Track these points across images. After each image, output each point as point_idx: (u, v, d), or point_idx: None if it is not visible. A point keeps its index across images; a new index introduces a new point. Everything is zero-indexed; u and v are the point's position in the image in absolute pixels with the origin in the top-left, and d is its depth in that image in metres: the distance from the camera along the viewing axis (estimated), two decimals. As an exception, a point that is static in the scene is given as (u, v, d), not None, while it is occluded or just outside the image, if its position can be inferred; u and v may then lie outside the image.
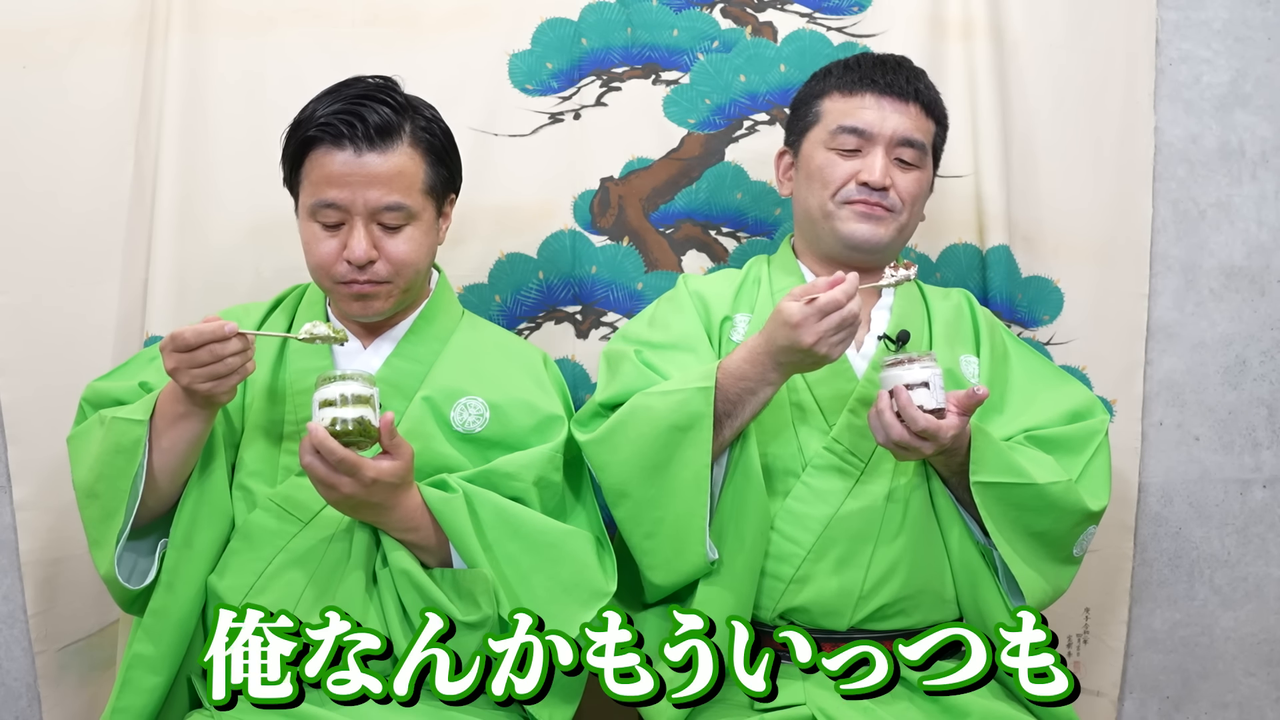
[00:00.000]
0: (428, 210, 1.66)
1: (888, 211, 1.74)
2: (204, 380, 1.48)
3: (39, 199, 1.98)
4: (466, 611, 1.55)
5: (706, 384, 1.60)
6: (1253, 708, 2.22)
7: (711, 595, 1.64)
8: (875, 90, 1.76)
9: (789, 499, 1.67)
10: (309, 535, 1.60)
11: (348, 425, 1.46)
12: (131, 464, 1.54)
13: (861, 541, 1.66)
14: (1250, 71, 2.18)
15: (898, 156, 1.75)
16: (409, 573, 1.57)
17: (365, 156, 1.59)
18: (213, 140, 2.00)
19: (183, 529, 1.59)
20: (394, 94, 1.64)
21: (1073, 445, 1.73)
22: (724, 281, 1.84)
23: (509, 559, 1.59)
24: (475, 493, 1.60)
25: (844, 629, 1.67)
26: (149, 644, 1.58)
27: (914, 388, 1.56)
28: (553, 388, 1.75)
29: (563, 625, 1.56)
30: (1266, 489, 2.21)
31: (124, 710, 1.57)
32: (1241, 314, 2.19)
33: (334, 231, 1.62)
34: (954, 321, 1.81)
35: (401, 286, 1.65)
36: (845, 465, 1.68)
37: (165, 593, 1.58)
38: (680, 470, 1.61)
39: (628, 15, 2.07)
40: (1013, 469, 1.63)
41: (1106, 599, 2.17)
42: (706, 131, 2.08)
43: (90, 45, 1.99)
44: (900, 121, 1.74)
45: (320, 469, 1.48)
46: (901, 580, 1.67)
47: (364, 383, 1.49)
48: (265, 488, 1.63)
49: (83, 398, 1.69)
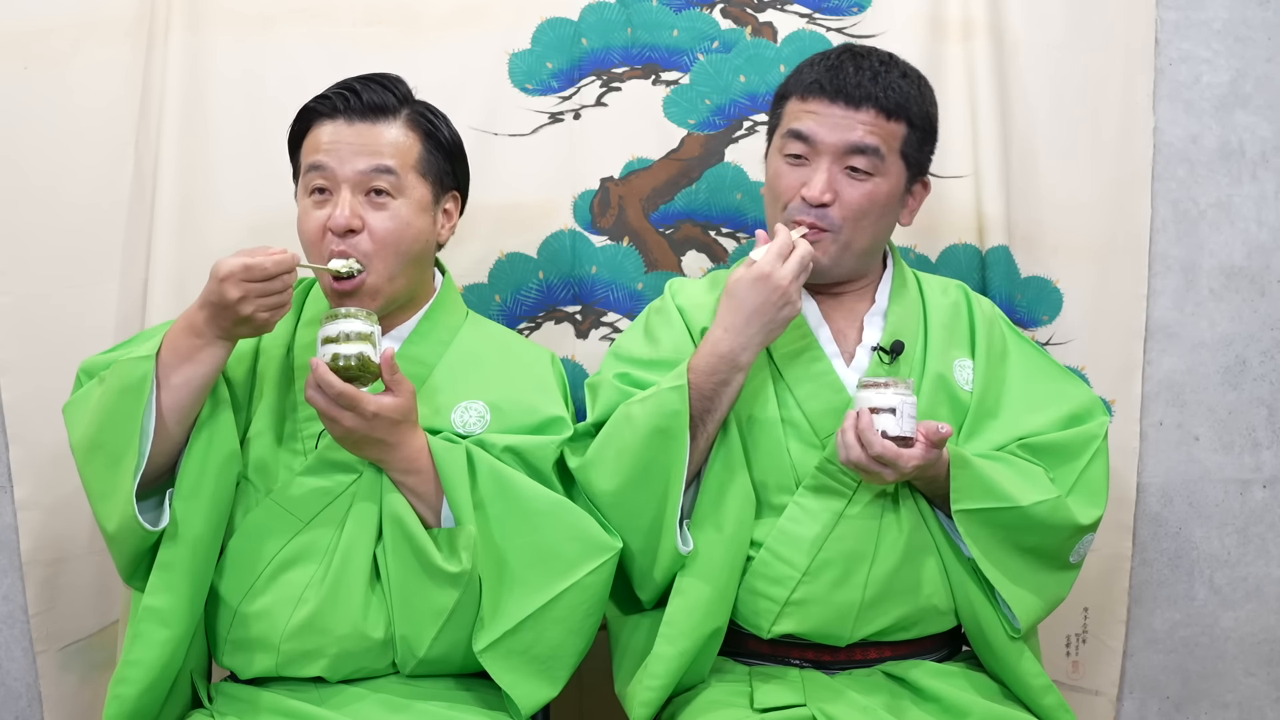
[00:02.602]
0: (418, 190, 1.65)
1: (824, 232, 1.66)
2: (267, 309, 1.51)
3: (39, 199, 1.99)
4: (448, 560, 1.56)
5: (679, 383, 1.59)
6: (1253, 708, 2.22)
7: (685, 585, 1.62)
8: (825, 95, 1.66)
9: (782, 519, 1.65)
10: (309, 533, 1.60)
11: (350, 361, 1.50)
12: (139, 402, 1.52)
13: (857, 561, 1.63)
14: (1250, 71, 2.18)
15: (850, 165, 1.66)
16: (401, 518, 1.57)
17: (356, 125, 1.63)
18: (213, 140, 2.00)
19: (190, 479, 1.57)
20: (397, 85, 1.67)
21: (1068, 452, 1.70)
22: (707, 291, 1.80)
23: (496, 518, 1.60)
24: (475, 450, 1.61)
25: (843, 646, 1.67)
26: (160, 596, 1.55)
27: (880, 412, 1.55)
28: (557, 389, 1.75)
29: (536, 590, 1.58)
30: (1266, 489, 2.21)
31: (136, 663, 1.55)
32: (1241, 314, 2.19)
33: (322, 205, 1.63)
34: (950, 323, 1.77)
35: (385, 274, 1.63)
36: (837, 485, 1.64)
37: (172, 545, 1.56)
38: (662, 471, 1.60)
39: (628, 15, 2.07)
40: (994, 493, 1.61)
41: (1106, 599, 2.17)
42: (706, 132, 2.08)
43: (91, 45, 1.99)
44: (849, 128, 1.65)
45: (321, 403, 1.50)
46: (899, 600, 1.65)
47: (365, 320, 1.52)
48: (268, 485, 1.63)
49: (80, 368, 1.67)
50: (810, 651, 1.68)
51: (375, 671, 1.63)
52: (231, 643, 1.62)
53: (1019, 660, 1.67)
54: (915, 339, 1.73)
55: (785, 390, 1.70)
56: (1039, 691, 1.67)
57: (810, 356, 1.70)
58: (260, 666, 1.61)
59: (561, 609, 1.59)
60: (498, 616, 1.59)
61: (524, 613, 1.58)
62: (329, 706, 1.57)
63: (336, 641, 1.59)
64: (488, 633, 1.58)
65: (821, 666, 1.68)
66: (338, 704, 1.58)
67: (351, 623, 1.59)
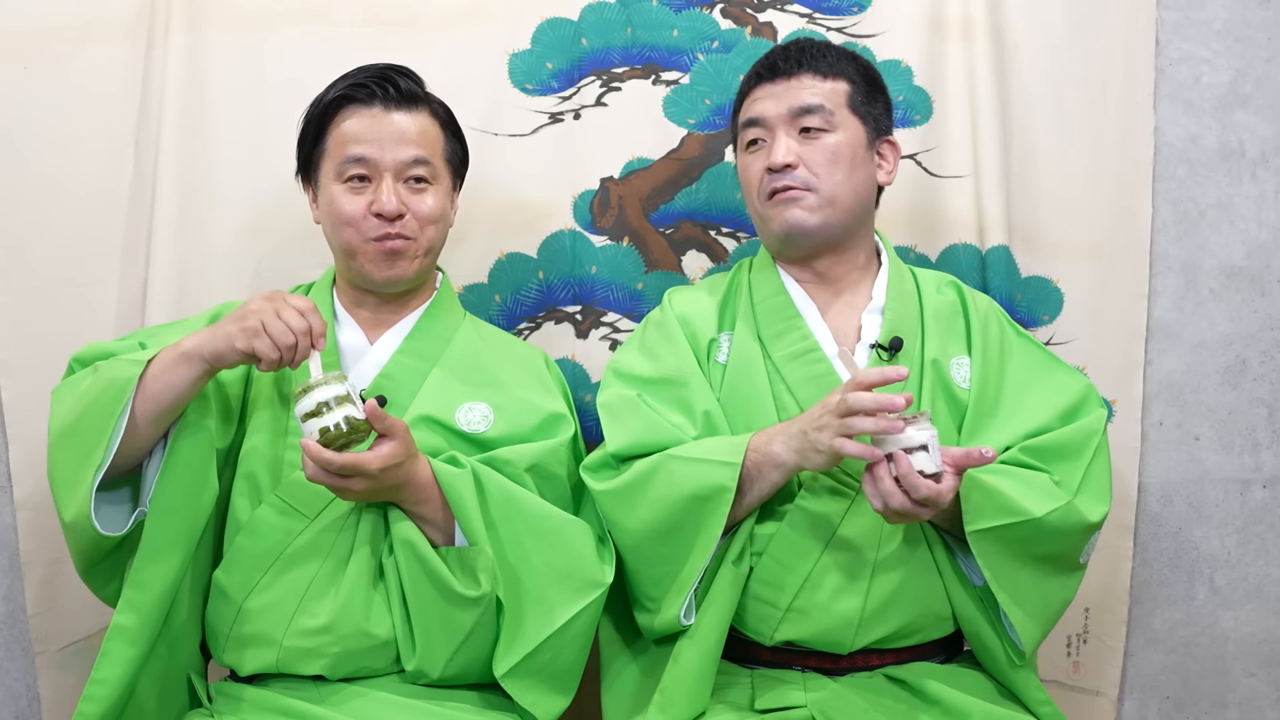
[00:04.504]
0: (445, 177, 1.72)
1: (805, 190, 1.68)
2: (266, 322, 1.50)
3: (39, 198, 1.99)
4: (467, 586, 1.56)
5: (734, 460, 1.57)
6: (1253, 708, 2.22)
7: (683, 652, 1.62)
8: (761, 81, 1.74)
9: (783, 524, 1.63)
10: (314, 530, 1.60)
11: (340, 429, 1.47)
12: (118, 402, 1.52)
13: (859, 567, 1.62)
14: (1250, 71, 2.18)
15: (802, 127, 1.70)
16: (413, 543, 1.57)
17: (393, 114, 1.67)
18: (212, 140, 2.00)
19: (166, 496, 1.57)
20: (416, 76, 1.71)
21: (1071, 451, 1.68)
22: (708, 297, 1.80)
23: (511, 539, 1.60)
24: (483, 471, 1.61)
25: (845, 653, 1.66)
26: (130, 615, 1.56)
27: (913, 451, 1.46)
28: (555, 387, 1.77)
29: (555, 609, 1.58)
30: (1266, 489, 2.21)
31: (101, 682, 1.56)
32: (1241, 314, 2.19)
33: (360, 190, 1.66)
34: (948, 321, 1.76)
35: (424, 247, 1.69)
36: (840, 486, 1.63)
37: (147, 562, 1.56)
38: (693, 538, 1.59)
39: (628, 15, 2.07)
40: (1008, 509, 1.56)
41: (1106, 599, 2.16)
42: (706, 132, 2.08)
43: (91, 45, 2.00)
44: (792, 96, 1.70)
45: (326, 479, 1.50)
46: (902, 606, 1.64)
47: (336, 382, 1.49)
48: (270, 480, 1.63)
49: (73, 357, 1.67)
50: (813, 659, 1.67)
51: (376, 671, 1.63)
52: (234, 639, 1.62)
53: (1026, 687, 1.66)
54: (914, 336, 1.73)
55: (786, 393, 1.69)
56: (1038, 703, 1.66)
57: (811, 358, 1.70)
58: (261, 663, 1.61)
59: (580, 626, 1.61)
60: (518, 638, 1.59)
61: (545, 633, 1.58)
62: (329, 705, 1.57)
63: (339, 640, 1.59)
64: (510, 656, 1.59)
65: (824, 672, 1.67)
66: (337, 703, 1.58)
67: (355, 622, 1.59)
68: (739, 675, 1.70)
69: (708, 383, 1.71)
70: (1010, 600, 1.60)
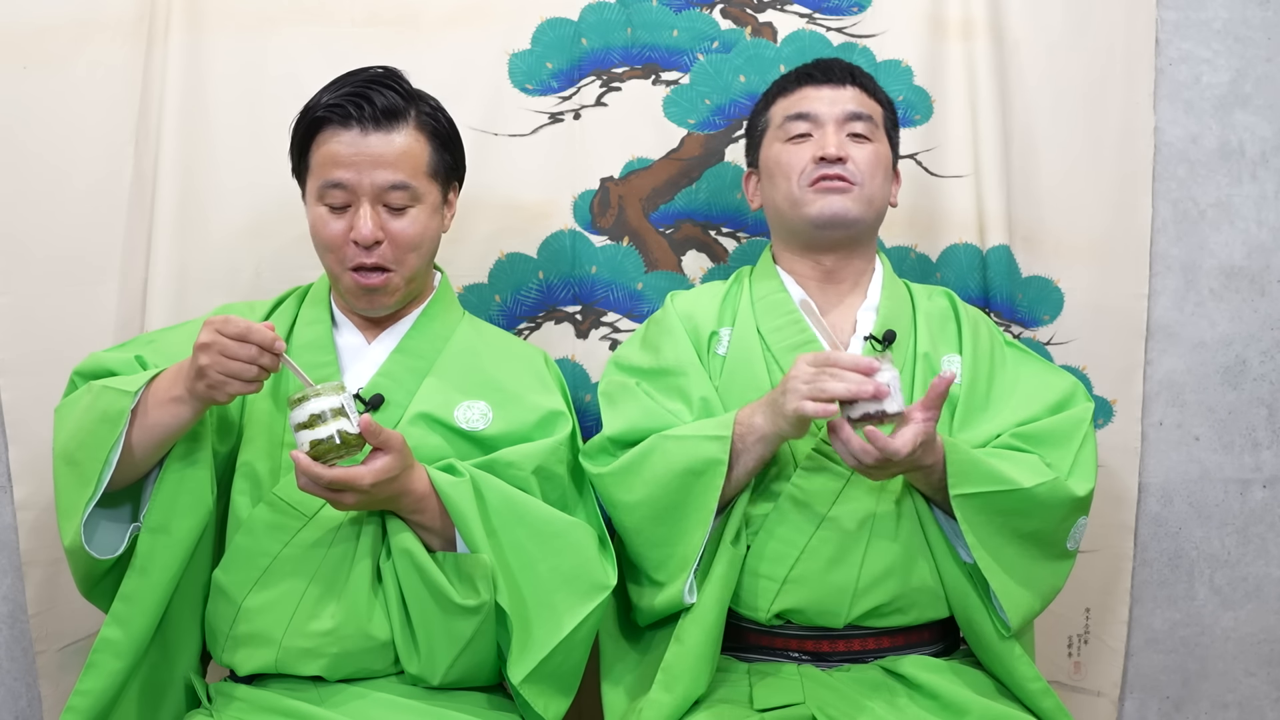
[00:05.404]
0: (432, 193, 1.67)
1: (851, 184, 1.75)
2: (219, 371, 1.47)
3: (39, 199, 1.98)
4: (465, 595, 1.55)
5: (723, 433, 1.62)
6: (1253, 708, 2.22)
7: (685, 631, 1.64)
8: (812, 82, 1.82)
9: (781, 499, 1.67)
10: (312, 531, 1.60)
11: (334, 441, 1.46)
12: (112, 434, 1.52)
13: (854, 540, 1.66)
14: (1250, 71, 2.18)
15: (850, 131, 1.78)
16: (411, 553, 1.57)
17: (371, 136, 1.62)
18: (212, 140, 2.00)
19: (159, 514, 1.57)
20: (400, 81, 1.66)
21: (1060, 437, 1.72)
22: (709, 296, 1.85)
23: (513, 545, 1.60)
24: (482, 478, 1.60)
25: (840, 627, 1.68)
26: (118, 628, 1.57)
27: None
28: (554, 385, 1.77)
29: (563, 614, 1.58)
30: (1266, 489, 2.21)
31: (86, 693, 1.56)
32: (1241, 314, 2.19)
33: (341, 214, 1.63)
34: (940, 322, 1.81)
35: (406, 274, 1.66)
36: (835, 466, 1.67)
37: (138, 577, 1.57)
38: (689, 513, 1.63)
39: (628, 15, 2.07)
40: (993, 476, 1.62)
41: (1106, 599, 2.17)
42: (706, 132, 2.08)
43: (90, 45, 1.99)
44: (844, 101, 1.79)
45: (318, 492, 1.49)
46: (896, 579, 1.67)
47: (333, 393, 1.47)
48: (269, 480, 1.63)
49: (74, 370, 1.67)
50: (809, 641, 1.70)
51: (375, 672, 1.62)
52: (233, 638, 1.62)
53: (1014, 661, 1.67)
54: (906, 331, 1.78)
55: None
56: (1038, 695, 1.67)
57: (809, 350, 1.72)
58: (260, 662, 1.61)
59: (587, 628, 1.62)
60: (530, 645, 1.59)
61: (557, 638, 1.59)
62: (328, 705, 1.57)
63: (338, 641, 1.59)
64: (524, 663, 1.58)
65: (820, 658, 1.69)
66: (337, 703, 1.58)
67: (355, 622, 1.59)
68: (735, 669, 1.71)
69: (706, 373, 1.75)
70: (994, 570, 1.63)
